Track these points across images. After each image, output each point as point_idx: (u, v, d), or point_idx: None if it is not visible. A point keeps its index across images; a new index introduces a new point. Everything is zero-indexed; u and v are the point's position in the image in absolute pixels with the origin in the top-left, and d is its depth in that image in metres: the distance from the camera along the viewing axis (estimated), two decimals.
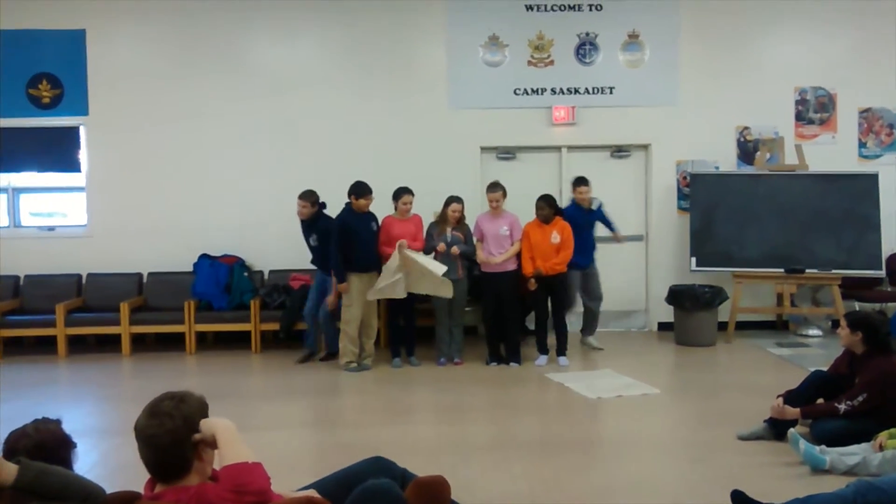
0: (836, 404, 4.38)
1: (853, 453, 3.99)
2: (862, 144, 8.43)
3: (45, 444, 2.47)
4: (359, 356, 6.80)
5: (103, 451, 4.63)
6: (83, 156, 8.21)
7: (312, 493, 2.55)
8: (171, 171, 8.19)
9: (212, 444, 2.16)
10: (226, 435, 2.15)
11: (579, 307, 7.48)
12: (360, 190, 6.69)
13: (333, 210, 6.88)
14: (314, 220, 7.02)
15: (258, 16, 8.16)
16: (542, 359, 6.82)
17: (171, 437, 2.12)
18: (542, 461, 4.36)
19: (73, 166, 8.22)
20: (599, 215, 7.42)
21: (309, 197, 6.98)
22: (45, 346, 7.61)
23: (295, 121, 8.20)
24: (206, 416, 2.22)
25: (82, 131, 8.18)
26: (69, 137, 8.18)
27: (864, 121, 8.41)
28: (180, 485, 2.15)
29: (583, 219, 7.15)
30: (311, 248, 7.13)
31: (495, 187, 6.82)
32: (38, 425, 2.54)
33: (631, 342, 7.93)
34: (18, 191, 8.36)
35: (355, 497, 2.49)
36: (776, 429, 4.56)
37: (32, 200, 8.44)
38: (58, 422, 2.61)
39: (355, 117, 8.21)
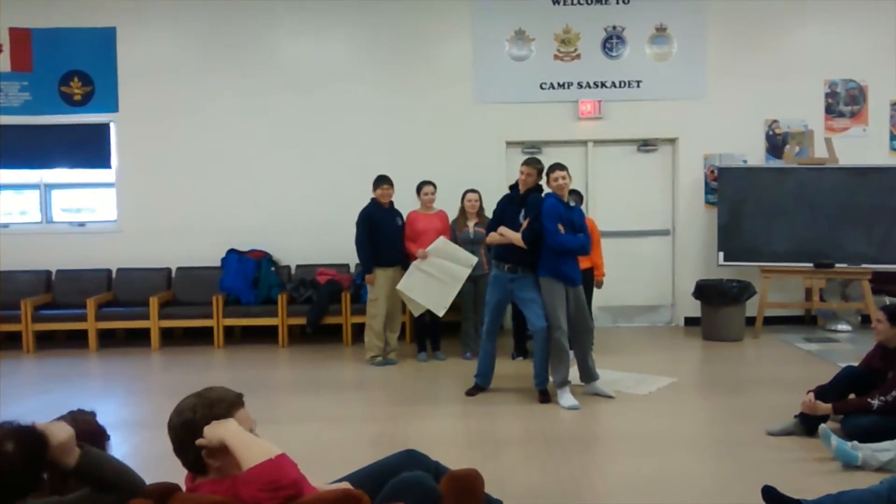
0: (868, 399, 4.33)
1: (886, 449, 3.94)
2: (893, 137, 8.31)
3: (82, 435, 2.50)
4: (384, 350, 6.83)
5: (134, 444, 4.69)
6: (113, 152, 8.30)
7: (346, 485, 2.57)
8: (199, 167, 8.27)
9: (220, 449, 2.13)
10: (234, 439, 2.10)
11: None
12: (375, 181, 6.78)
13: (360, 204, 6.88)
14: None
15: (285, 13, 8.21)
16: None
17: (173, 436, 2.15)
18: (570, 456, 4.36)
19: (104, 163, 8.33)
20: (579, 216, 5.71)
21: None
22: (76, 340, 7.73)
23: (322, 116, 8.24)
24: (224, 416, 2.18)
25: (112, 128, 8.28)
26: (99, 134, 8.28)
27: (895, 113, 8.28)
28: (216, 478, 2.17)
29: (567, 215, 5.53)
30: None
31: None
32: (75, 416, 2.57)
33: (657, 337, 7.89)
34: (50, 187, 8.47)
35: (390, 489, 2.50)
36: (807, 424, 4.52)
37: (64, 196, 8.55)
38: (93, 413, 2.64)
39: (382, 112, 8.24)
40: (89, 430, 2.54)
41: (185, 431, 2.13)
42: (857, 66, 8.26)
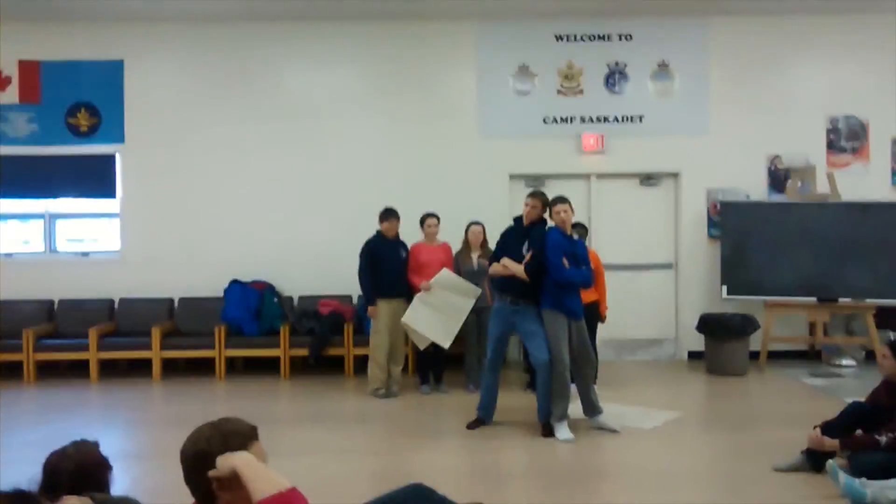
0: (876, 436, 4.29)
1: (895, 486, 3.90)
2: (895, 173, 8.35)
3: (85, 466, 2.49)
4: (387, 382, 6.80)
5: (134, 476, 4.65)
6: (118, 182, 8.35)
7: None
8: (203, 199, 8.31)
9: (232, 482, 2.12)
10: (248, 470, 2.05)
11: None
12: (382, 214, 6.84)
13: (364, 235, 6.90)
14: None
15: (291, 47, 8.31)
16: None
17: (185, 465, 2.12)
18: (574, 490, 4.31)
19: (109, 192, 8.37)
20: (582, 250, 5.77)
21: None
22: (77, 370, 7.70)
23: (326, 148, 8.30)
24: (239, 449, 2.17)
25: (118, 158, 8.33)
26: (105, 164, 8.34)
27: None
28: None
29: (570, 248, 5.55)
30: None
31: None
32: (78, 447, 2.56)
33: (661, 371, 7.85)
34: (55, 216, 8.50)
35: None
36: (814, 460, 4.48)
37: (68, 226, 8.58)
38: (96, 444, 2.62)
39: (386, 144, 8.30)
40: (92, 462, 2.53)
41: (197, 461, 2.11)
42: (859, 103, 8.33)
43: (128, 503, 2.40)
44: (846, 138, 8.36)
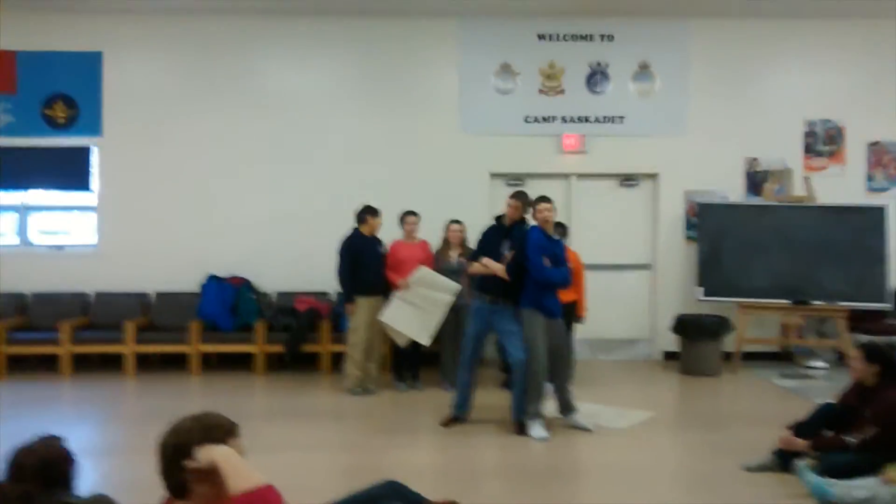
0: (845, 437, 4.35)
1: (861, 486, 3.95)
2: (870, 177, 8.44)
3: (50, 461, 2.48)
4: (363, 379, 6.78)
5: (105, 471, 4.61)
6: (95, 175, 8.27)
7: None
8: (180, 193, 8.25)
9: (209, 474, 2.11)
10: (227, 463, 2.08)
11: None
12: (362, 212, 6.82)
13: (342, 232, 6.87)
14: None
15: (272, 41, 8.26)
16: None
17: (162, 456, 2.11)
18: (548, 488, 4.33)
19: (85, 185, 8.28)
20: (561, 250, 5.74)
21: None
22: (49, 365, 7.61)
23: (306, 144, 8.27)
24: (215, 441, 2.17)
25: (95, 151, 8.25)
26: (81, 157, 8.25)
27: (872, 154, 8.43)
28: None
29: (550, 248, 5.55)
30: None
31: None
32: (43, 442, 2.55)
33: (636, 371, 7.90)
34: (29, 209, 8.40)
35: None
36: (784, 460, 4.53)
37: (42, 219, 8.48)
38: (61, 439, 2.61)
39: (367, 141, 8.28)
40: (57, 457, 2.52)
41: (177, 452, 2.10)
42: (836, 107, 8.42)
43: (101, 502, 2.39)
44: (823, 142, 8.44)
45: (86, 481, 4.27)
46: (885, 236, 7.72)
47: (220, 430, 2.18)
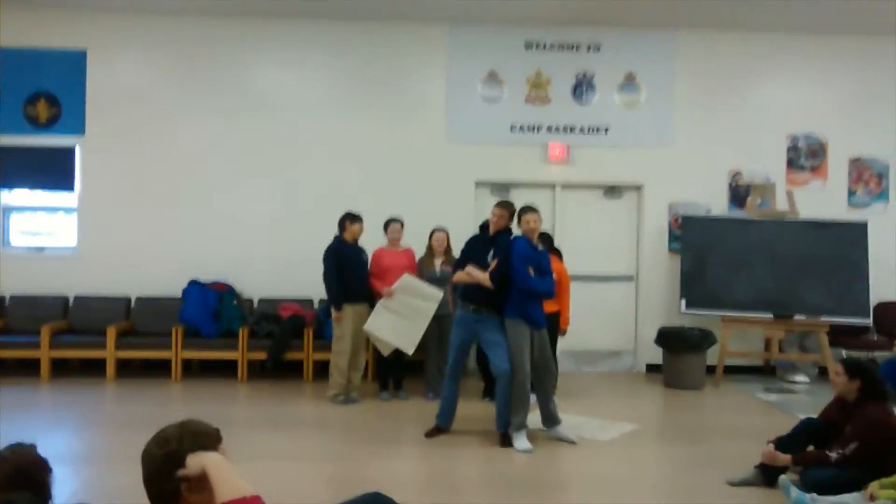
0: (827, 452, 4.37)
1: (844, 502, 3.97)
2: (851, 193, 8.53)
3: (23, 468, 2.43)
4: (346, 388, 6.74)
5: (85, 478, 4.54)
6: (77, 176, 8.18)
7: None
8: (164, 196, 8.17)
9: (201, 481, 2.11)
10: (216, 470, 2.06)
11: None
12: (345, 218, 6.79)
13: (326, 239, 6.83)
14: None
15: (259, 44, 8.22)
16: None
17: (150, 467, 2.07)
18: (530, 500, 4.32)
19: (67, 186, 8.19)
20: (546, 260, 5.71)
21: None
22: (27, 369, 7.50)
23: (291, 149, 8.22)
24: (206, 449, 2.16)
25: (77, 151, 8.16)
26: (64, 157, 8.15)
27: (854, 169, 8.52)
28: None
29: (535, 258, 5.54)
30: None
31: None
32: (14, 449, 2.50)
33: (619, 383, 7.91)
34: (9, 210, 8.30)
35: None
36: (767, 475, 4.55)
37: (23, 219, 8.37)
38: (33, 446, 2.56)
39: (352, 148, 8.25)
40: (31, 464, 2.46)
41: (168, 461, 2.06)
42: (819, 122, 8.51)
43: None
44: (806, 156, 8.52)
45: (67, 489, 4.21)
46: (866, 251, 7.80)
47: (208, 437, 2.16)
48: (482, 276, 5.47)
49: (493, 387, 6.75)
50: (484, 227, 5.83)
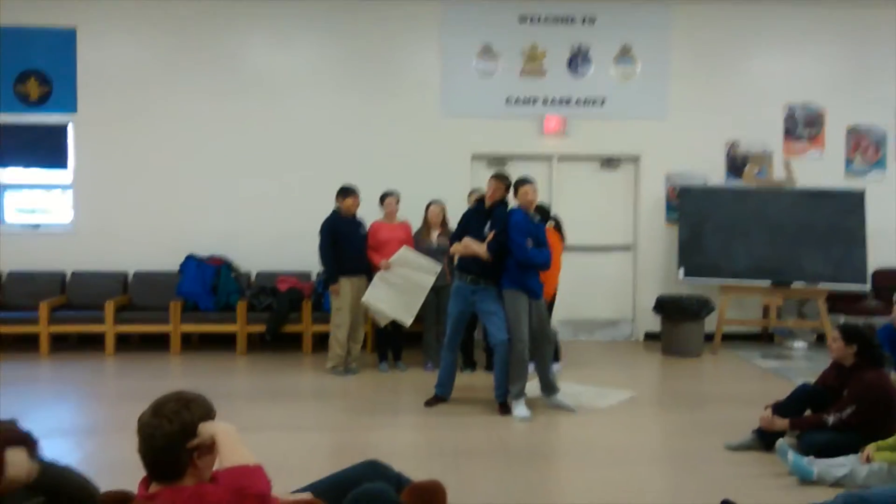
0: (824, 416, 4.41)
1: (841, 465, 4.02)
2: (849, 161, 8.51)
3: (8, 443, 2.42)
4: (345, 360, 6.77)
5: (87, 451, 4.57)
6: (70, 153, 8.13)
7: (308, 496, 2.52)
8: (159, 171, 8.14)
9: (210, 447, 2.13)
10: (226, 438, 2.13)
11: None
12: (341, 191, 6.75)
13: (323, 212, 6.81)
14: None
15: (251, 19, 8.14)
16: (558, 366, 6.77)
17: (165, 441, 2.08)
18: (530, 467, 4.35)
19: (60, 163, 8.15)
20: (542, 232, 5.71)
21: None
22: (26, 344, 7.51)
23: (286, 123, 8.18)
24: (210, 419, 2.18)
25: (70, 129, 8.11)
26: (57, 134, 8.11)
27: (851, 138, 8.50)
28: (175, 485, 2.11)
29: (532, 230, 5.56)
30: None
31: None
32: None
33: (618, 351, 7.95)
34: (3, 188, 8.26)
35: (351, 501, 2.47)
36: (764, 439, 4.58)
37: (18, 197, 8.34)
38: (13, 421, 2.55)
39: (347, 121, 8.20)
40: (15, 439, 2.45)
41: (183, 433, 2.09)
42: (816, 91, 8.46)
43: (69, 472, 2.35)
44: (803, 126, 8.49)
45: (69, 461, 4.23)
46: (864, 219, 7.81)
47: (206, 407, 2.20)
48: (479, 248, 5.48)
49: (471, 357, 6.85)
50: (480, 199, 5.85)
